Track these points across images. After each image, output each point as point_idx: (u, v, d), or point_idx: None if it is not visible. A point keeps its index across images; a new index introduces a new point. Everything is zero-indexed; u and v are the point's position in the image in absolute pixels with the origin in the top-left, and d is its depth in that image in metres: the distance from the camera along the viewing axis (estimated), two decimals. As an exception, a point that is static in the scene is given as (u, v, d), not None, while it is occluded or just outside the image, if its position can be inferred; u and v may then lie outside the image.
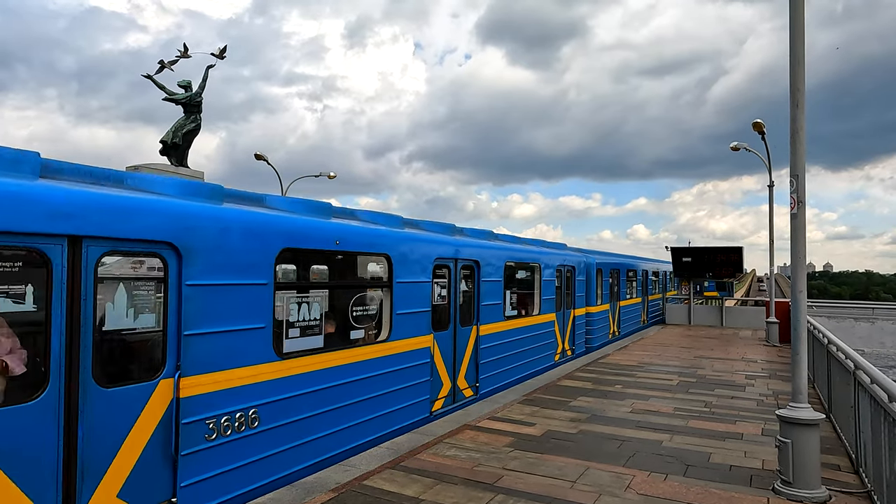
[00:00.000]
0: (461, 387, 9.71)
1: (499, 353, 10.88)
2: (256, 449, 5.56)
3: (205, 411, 5.06)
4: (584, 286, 16.79)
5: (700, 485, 5.87)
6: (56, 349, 4.12)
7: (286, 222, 6.23)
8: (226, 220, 5.43)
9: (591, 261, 17.43)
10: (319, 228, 6.71)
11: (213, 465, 5.13)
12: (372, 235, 7.60)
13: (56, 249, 4.16)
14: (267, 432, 5.67)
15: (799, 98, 5.70)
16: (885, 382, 4.92)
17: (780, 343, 17.60)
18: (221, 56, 12.27)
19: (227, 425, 5.25)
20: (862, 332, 25.64)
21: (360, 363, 7.10)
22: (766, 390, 10.83)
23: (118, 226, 4.48)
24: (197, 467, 4.99)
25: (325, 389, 6.47)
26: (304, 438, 6.14)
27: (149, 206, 4.79)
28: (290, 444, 5.96)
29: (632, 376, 12.00)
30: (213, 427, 5.13)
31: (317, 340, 6.57)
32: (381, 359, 7.48)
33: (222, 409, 5.22)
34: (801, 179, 5.78)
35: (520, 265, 12.51)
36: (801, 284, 5.80)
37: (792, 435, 5.54)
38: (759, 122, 19.19)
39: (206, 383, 5.09)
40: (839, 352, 7.63)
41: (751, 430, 8.01)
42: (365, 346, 7.27)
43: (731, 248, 24.15)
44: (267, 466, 5.67)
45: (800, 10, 5.72)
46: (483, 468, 6.23)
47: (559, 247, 16.25)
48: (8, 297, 4.21)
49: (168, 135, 11.06)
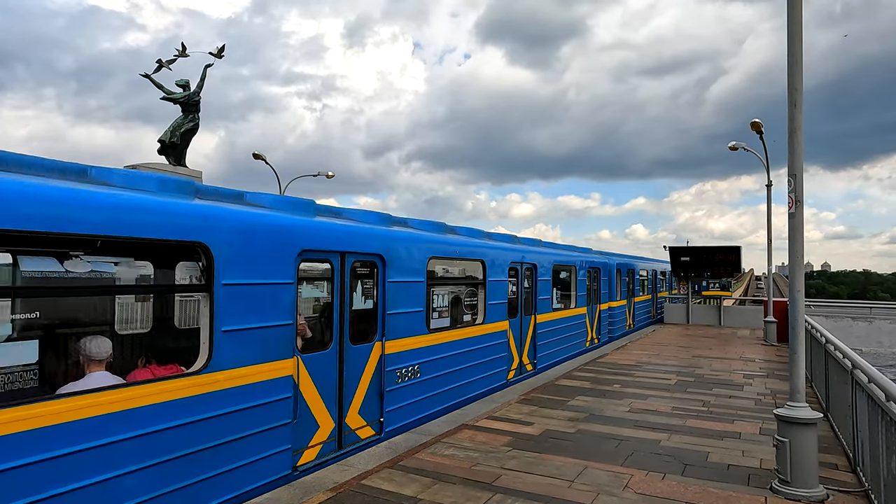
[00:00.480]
0: (524, 362, 12.31)
1: (549, 337, 12.87)
2: (421, 391, 8.39)
3: (396, 363, 7.82)
4: (608, 284, 19.20)
5: (698, 484, 5.88)
6: (336, 321, 6.78)
7: (434, 240, 9.17)
8: (405, 241, 8.29)
9: (612, 262, 19.70)
10: (450, 243, 9.77)
11: (400, 399, 7.88)
12: (473, 246, 10.43)
13: (336, 258, 6.88)
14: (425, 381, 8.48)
15: (797, 98, 5.71)
16: (882, 382, 4.93)
17: (779, 342, 17.63)
18: (220, 55, 12.26)
19: (405, 373, 8.00)
20: (860, 331, 25.69)
21: (470, 339, 9.89)
22: (764, 389, 10.85)
23: (361, 246, 7.26)
24: (392, 399, 7.71)
25: (452, 355, 9.26)
26: (445, 387, 9.01)
27: (372, 232, 7.70)
28: (438, 390, 8.85)
29: (630, 376, 12.01)
30: (399, 374, 7.85)
31: (446, 321, 9.57)
32: (480, 336, 10.24)
33: (404, 363, 8.00)
34: (798, 179, 5.79)
35: (562, 267, 14.94)
36: (798, 284, 5.81)
37: (790, 434, 5.55)
38: (758, 121, 19.21)
39: (396, 346, 7.88)
40: (837, 351, 7.64)
41: (749, 429, 8.02)
42: (471, 327, 10.09)
43: (729, 248, 24.17)
44: (426, 403, 8.50)
45: (798, 11, 5.73)
46: (481, 468, 6.23)
47: (586, 251, 18.45)
48: (315, 289, 7.46)
49: (166, 134, 11.05)
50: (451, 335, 9.44)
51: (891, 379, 4.94)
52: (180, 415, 4.83)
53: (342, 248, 6.93)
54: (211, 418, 5.11)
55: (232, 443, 5.33)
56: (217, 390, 5.18)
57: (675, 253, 25.06)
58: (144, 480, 4.55)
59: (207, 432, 5.08)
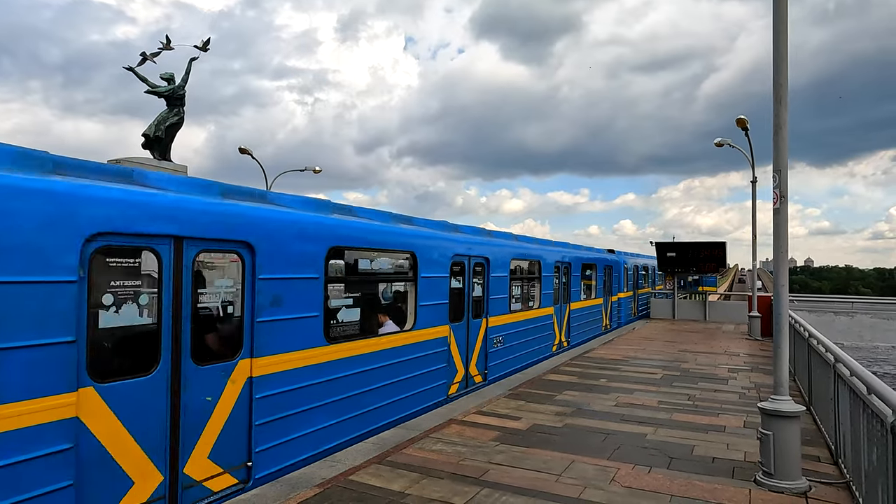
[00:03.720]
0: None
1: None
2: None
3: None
4: (619, 279, 22.78)
5: (683, 477, 5.94)
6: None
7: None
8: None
9: (621, 260, 23.41)
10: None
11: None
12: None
13: (466, 260, 9.62)
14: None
15: (782, 94, 5.76)
16: (863, 375, 4.99)
17: (763, 337, 17.85)
18: (205, 48, 12.11)
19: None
20: (841, 325, 26.06)
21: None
22: (749, 383, 10.98)
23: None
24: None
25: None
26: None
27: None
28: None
29: (617, 370, 12.09)
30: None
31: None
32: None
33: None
34: (783, 175, 5.84)
35: (588, 265, 18.02)
36: (782, 279, 5.87)
37: (773, 427, 5.62)
38: (743, 118, 19.37)
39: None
40: (819, 345, 7.74)
41: (733, 422, 8.11)
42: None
43: (715, 244, 24.39)
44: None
45: (783, 8, 5.77)
46: (469, 462, 6.25)
47: (600, 251, 21.58)
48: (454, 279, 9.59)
49: (150, 128, 10.90)
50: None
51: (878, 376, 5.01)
52: (412, 349, 8.63)
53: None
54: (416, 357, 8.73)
55: (423, 367, 8.87)
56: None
57: (661, 249, 25.24)
58: (415, 380, 8.74)
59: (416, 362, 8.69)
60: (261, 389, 5.85)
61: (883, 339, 25.85)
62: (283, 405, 6.14)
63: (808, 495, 5.48)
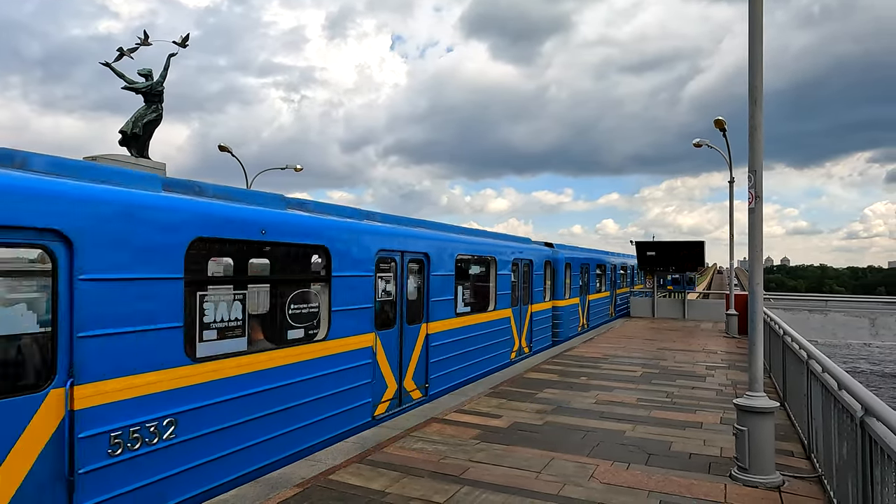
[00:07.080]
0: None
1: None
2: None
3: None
4: (623, 277, 27.84)
5: (661, 473, 6.02)
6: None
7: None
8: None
9: (627, 261, 28.40)
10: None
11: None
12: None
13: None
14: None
15: (757, 95, 5.86)
16: (835, 371, 5.11)
17: (739, 334, 18.11)
18: (184, 45, 11.95)
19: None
20: (815, 323, 26.59)
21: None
22: (725, 380, 11.15)
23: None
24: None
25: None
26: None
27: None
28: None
29: (597, 368, 12.21)
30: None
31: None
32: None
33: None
34: (758, 175, 5.95)
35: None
36: (758, 277, 5.97)
37: (748, 423, 5.72)
38: (721, 119, 19.66)
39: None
40: (794, 342, 7.89)
41: (710, 419, 8.24)
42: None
43: (693, 243, 24.71)
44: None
45: (758, 10, 5.87)
46: (449, 461, 6.26)
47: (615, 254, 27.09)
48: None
49: (128, 125, 10.73)
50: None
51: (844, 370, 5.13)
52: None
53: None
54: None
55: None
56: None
57: (641, 248, 25.51)
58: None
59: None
60: (591, 307, 21.24)
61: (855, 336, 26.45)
62: (594, 309, 14.43)
63: (781, 489, 5.58)
